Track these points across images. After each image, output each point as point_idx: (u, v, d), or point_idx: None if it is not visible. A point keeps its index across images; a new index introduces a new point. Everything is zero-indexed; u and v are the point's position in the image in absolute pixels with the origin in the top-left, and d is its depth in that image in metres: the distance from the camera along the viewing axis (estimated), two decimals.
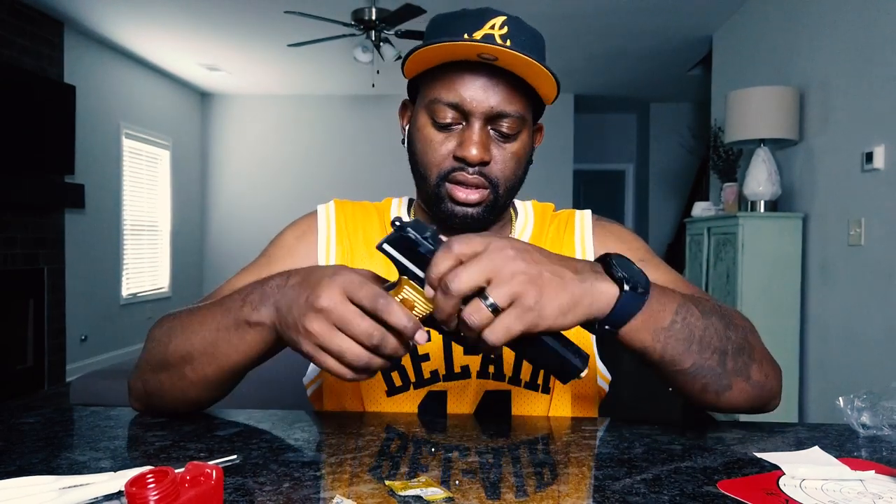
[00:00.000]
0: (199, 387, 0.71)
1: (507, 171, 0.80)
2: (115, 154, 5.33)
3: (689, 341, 0.64)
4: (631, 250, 0.87)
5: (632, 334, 0.62)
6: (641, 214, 7.38)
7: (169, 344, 0.72)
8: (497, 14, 0.77)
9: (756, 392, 0.70)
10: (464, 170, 0.78)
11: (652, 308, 0.62)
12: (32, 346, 4.33)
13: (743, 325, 0.71)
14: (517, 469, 0.60)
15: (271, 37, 4.87)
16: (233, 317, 0.66)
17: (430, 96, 0.79)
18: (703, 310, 0.66)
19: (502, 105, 0.76)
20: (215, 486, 0.46)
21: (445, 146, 0.79)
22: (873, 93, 2.61)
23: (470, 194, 0.79)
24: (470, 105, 0.76)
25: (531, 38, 0.78)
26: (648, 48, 5.07)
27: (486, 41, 0.74)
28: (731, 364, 0.67)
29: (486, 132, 0.78)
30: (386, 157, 6.74)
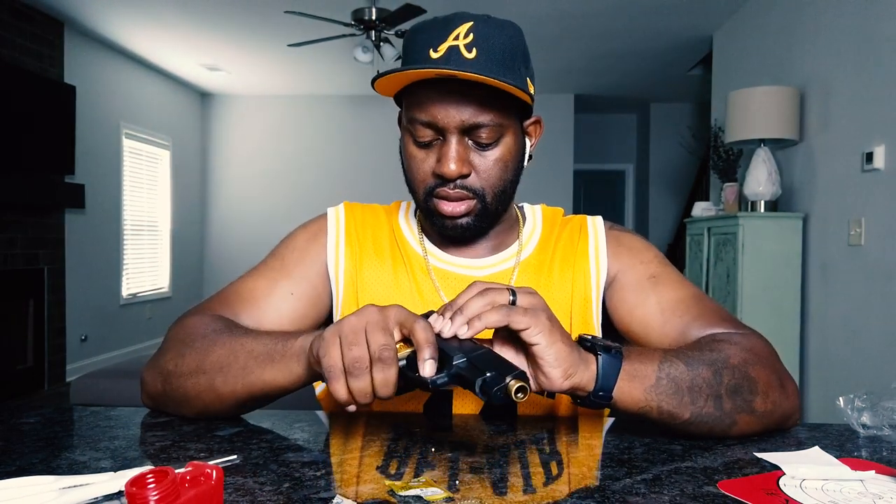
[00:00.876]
0: (223, 401, 0.73)
1: (492, 178, 0.80)
2: (115, 154, 5.33)
3: (680, 393, 0.67)
4: (643, 263, 0.87)
5: (624, 397, 0.66)
6: (641, 214, 7.38)
7: (210, 351, 0.73)
8: (463, 20, 0.75)
9: (766, 420, 0.71)
10: (445, 185, 0.79)
11: (634, 368, 0.66)
12: (32, 346, 4.33)
13: (742, 361, 0.71)
14: (517, 469, 0.60)
15: (271, 37, 4.87)
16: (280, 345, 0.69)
17: (407, 115, 0.80)
18: (688, 361, 0.69)
19: (475, 116, 0.76)
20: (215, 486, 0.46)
21: (427, 163, 0.80)
22: (873, 93, 2.61)
23: (455, 207, 0.80)
24: (443, 122, 0.76)
25: (502, 38, 0.76)
26: (648, 48, 5.07)
27: (450, 54, 0.73)
28: (728, 405, 0.68)
29: (462, 145, 0.78)
30: (386, 157, 6.74)
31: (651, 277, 0.85)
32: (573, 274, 0.88)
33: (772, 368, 0.73)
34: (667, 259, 0.90)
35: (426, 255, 0.89)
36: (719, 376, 0.69)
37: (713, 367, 0.69)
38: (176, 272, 6.34)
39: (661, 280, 0.85)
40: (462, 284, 0.86)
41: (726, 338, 0.75)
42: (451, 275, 0.88)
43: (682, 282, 0.86)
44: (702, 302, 0.83)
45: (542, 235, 0.92)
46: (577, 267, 0.88)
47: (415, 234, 0.92)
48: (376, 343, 0.58)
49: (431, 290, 0.87)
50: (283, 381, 0.69)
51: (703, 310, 0.82)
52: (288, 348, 0.68)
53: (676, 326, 0.81)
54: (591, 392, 0.64)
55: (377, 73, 0.75)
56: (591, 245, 0.89)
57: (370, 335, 0.59)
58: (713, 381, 0.68)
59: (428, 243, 0.91)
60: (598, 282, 0.88)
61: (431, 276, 0.88)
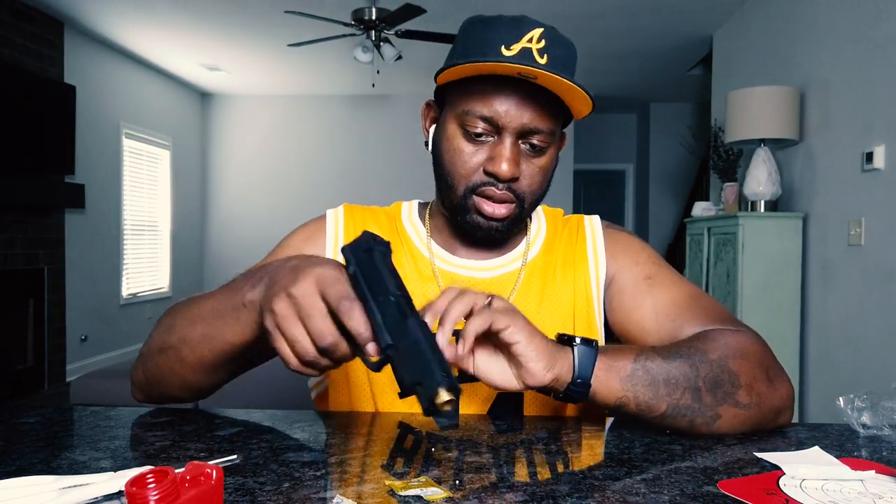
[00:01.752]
0: (196, 369, 0.72)
1: (535, 185, 0.80)
2: (115, 154, 5.33)
3: (656, 385, 0.68)
4: (638, 264, 0.87)
5: (601, 387, 0.67)
6: (641, 214, 7.38)
7: (172, 327, 0.74)
8: (534, 25, 0.75)
9: (753, 413, 0.71)
10: (493, 185, 0.78)
11: (611, 359, 0.68)
12: (32, 346, 4.33)
13: (722, 355, 0.71)
14: (517, 469, 0.60)
15: (271, 37, 4.87)
16: (233, 298, 0.67)
17: (462, 106, 0.78)
18: (664, 355, 0.70)
19: (535, 121, 0.76)
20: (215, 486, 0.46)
21: (475, 158, 0.79)
22: (873, 93, 2.61)
23: (497, 209, 0.79)
24: (504, 120, 0.76)
25: (566, 52, 0.77)
26: (648, 48, 5.07)
27: (524, 56, 0.73)
28: (708, 398, 0.69)
29: (517, 147, 0.78)
30: (386, 157, 6.75)
31: (647, 279, 0.85)
32: (574, 275, 0.88)
33: (757, 363, 0.73)
34: (662, 259, 0.90)
35: (433, 257, 0.89)
36: (696, 369, 0.70)
37: (690, 361, 0.70)
38: (176, 272, 6.34)
39: (656, 281, 0.85)
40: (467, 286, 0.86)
41: (712, 334, 0.76)
42: (458, 277, 0.87)
43: (678, 282, 0.86)
44: (697, 301, 0.83)
45: (546, 237, 0.92)
46: (578, 268, 0.88)
47: (421, 236, 0.91)
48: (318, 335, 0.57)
49: (436, 291, 0.86)
50: (245, 336, 0.67)
51: (698, 309, 0.82)
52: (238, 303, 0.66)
53: (671, 328, 0.81)
54: (570, 381, 0.66)
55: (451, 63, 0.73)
56: (589, 245, 0.90)
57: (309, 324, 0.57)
58: (690, 373, 0.69)
59: (434, 245, 0.90)
60: (597, 282, 0.88)
61: (437, 279, 0.87)
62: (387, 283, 0.57)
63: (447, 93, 0.82)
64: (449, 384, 0.53)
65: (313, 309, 0.57)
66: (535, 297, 0.87)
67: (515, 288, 0.87)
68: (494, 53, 0.74)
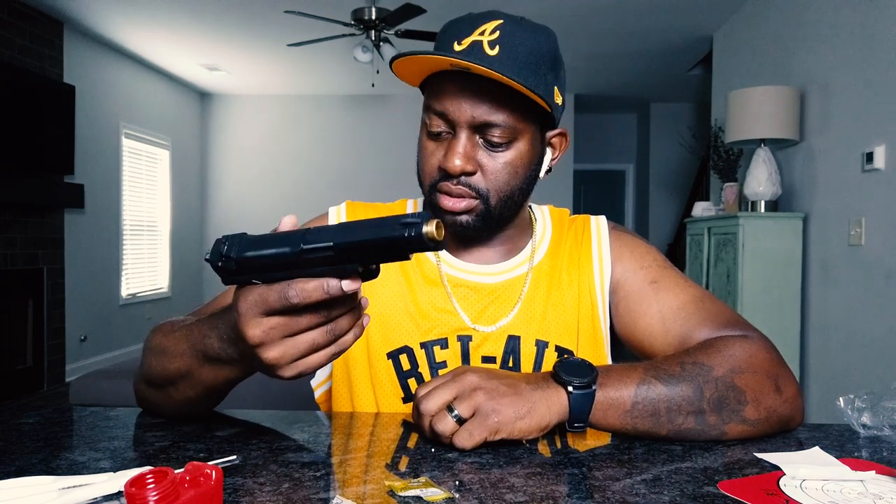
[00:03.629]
0: (185, 405, 0.73)
1: (499, 181, 0.78)
2: (114, 154, 5.33)
3: (657, 415, 0.68)
4: (643, 268, 0.86)
5: (601, 424, 0.68)
6: (641, 214, 7.38)
7: (153, 366, 0.73)
8: (495, 17, 0.75)
9: (762, 427, 0.70)
10: (448, 180, 0.77)
11: (609, 397, 0.67)
12: (32, 346, 4.33)
13: (728, 371, 0.70)
14: (517, 469, 0.60)
15: (271, 37, 4.87)
16: (199, 350, 0.65)
17: (424, 105, 0.80)
18: (666, 380, 0.69)
19: (487, 114, 0.74)
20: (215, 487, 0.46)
21: (435, 156, 0.79)
22: (873, 93, 2.61)
23: (455, 203, 0.78)
24: (454, 115, 0.75)
25: (530, 41, 0.74)
26: (648, 48, 5.07)
27: (472, 49, 0.73)
28: (713, 419, 0.68)
29: (472, 142, 0.76)
30: (385, 157, 6.75)
31: (652, 283, 0.85)
32: (579, 277, 0.87)
33: (765, 374, 0.72)
34: (668, 261, 0.89)
35: (439, 262, 0.88)
36: (700, 391, 0.68)
37: (694, 383, 0.69)
38: (175, 272, 6.33)
39: (662, 285, 0.84)
40: (474, 292, 0.85)
41: (720, 345, 0.74)
42: (463, 282, 0.86)
43: (684, 285, 0.85)
44: (704, 304, 0.82)
45: (552, 239, 0.91)
46: (583, 270, 0.88)
47: None
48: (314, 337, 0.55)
49: (443, 296, 0.86)
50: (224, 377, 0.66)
51: (705, 314, 0.81)
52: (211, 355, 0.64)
53: (678, 334, 0.80)
54: (566, 423, 0.67)
55: (396, 54, 0.75)
56: (594, 247, 0.89)
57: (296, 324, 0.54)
58: (693, 397, 0.68)
59: (444, 253, 0.89)
60: (602, 285, 0.87)
61: (444, 281, 0.86)
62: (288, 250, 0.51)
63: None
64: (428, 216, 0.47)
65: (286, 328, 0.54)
66: (541, 301, 0.86)
67: (523, 293, 0.86)
68: (446, 50, 0.74)
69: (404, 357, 0.84)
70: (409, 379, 0.84)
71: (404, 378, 0.84)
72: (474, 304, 0.85)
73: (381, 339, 0.85)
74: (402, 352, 0.84)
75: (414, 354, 0.84)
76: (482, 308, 0.85)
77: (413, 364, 0.84)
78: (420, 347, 0.84)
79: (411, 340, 0.84)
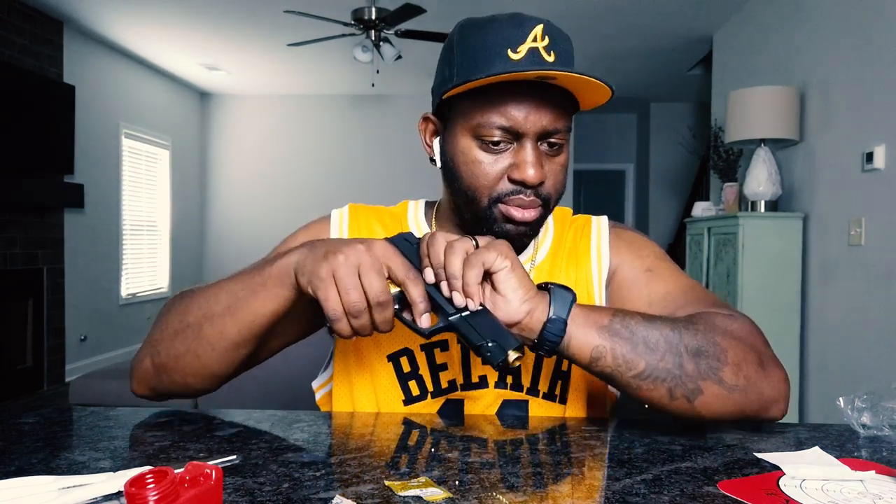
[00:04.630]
0: (215, 346, 0.72)
1: (559, 184, 0.79)
2: (114, 154, 5.33)
3: (634, 342, 0.66)
4: (640, 258, 0.86)
5: (577, 334, 0.66)
6: (641, 214, 7.38)
7: (188, 308, 0.74)
8: (534, 22, 0.73)
9: (739, 397, 0.67)
10: (521, 192, 0.75)
11: (588, 309, 0.68)
12: (32, 346, 4.33)
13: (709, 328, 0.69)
14: (517, 469, 0.60)
15: (271, 36, 4.87)
16: (257, 276, 0.70)
17: (475, 118, 0.75)
18: (646, 317, 0.69)
19: (554, 122, 0.74)
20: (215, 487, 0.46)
21: (496, 167, 0.76)
22: (874, 93, 2.61)
23: (527, 213, 0.76)
24: (523, 126, 0.73)
25: (567, 44, 0.76)
26: (648, 48, 5.07)
27: (533, 56, 0.71)
28: (690, 366, 0.66)
29: (538, 150, 0.76)
30: (385, 157, 6.75)
31: (647, 271, 0.84)
32: (576, 273, 0.87)
33: (748, 346, 0.69)
34: (667, 255, 0.89)
35: None
36: (679, 335, 0.67)
37: (672, 326, 0.68)
38: (175, 272, 6.33)
39: (655, 274, 0.83)
40: None
41: (704, 314, 0.72)
42: None
43: (677, 276, 0.84)
44: (692, 291, 0.81)
45: (554, 237, 0.91)
46: (580, 266, 0.88)
47: None
48: (373, 289, 0.62)
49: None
50: (272, 307, 0.70)
51: (691, 298, 0.79)
52: (267, 276, 0.69)
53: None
54: (546, 321, 0.65)
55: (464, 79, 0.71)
56: (593, 243, 0.88)
57: (365, 279, 0.63)
58: (672, 337, 0.67)
59: None
60: (599, 279, 0.87)
61: None
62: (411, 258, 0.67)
63: (453, 105, 0.78)
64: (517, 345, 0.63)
65: (373, 268, 0.62)
66: None
67: None
68: (501, 59, 0.71)
69: (405, 359, 0.84)
70: (409, 381, 0.84)
71: (405, 380, 0.84)
72: None
73: (381, 342, 0.85)
74: (403, 354, 0.84)
75: (414, 356, 0.84)
76: None
77: (413, 366, 0.84)
78: (420, 349, 0.84)
79: (411, 342, 0.84)
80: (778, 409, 0.70)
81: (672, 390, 0.66)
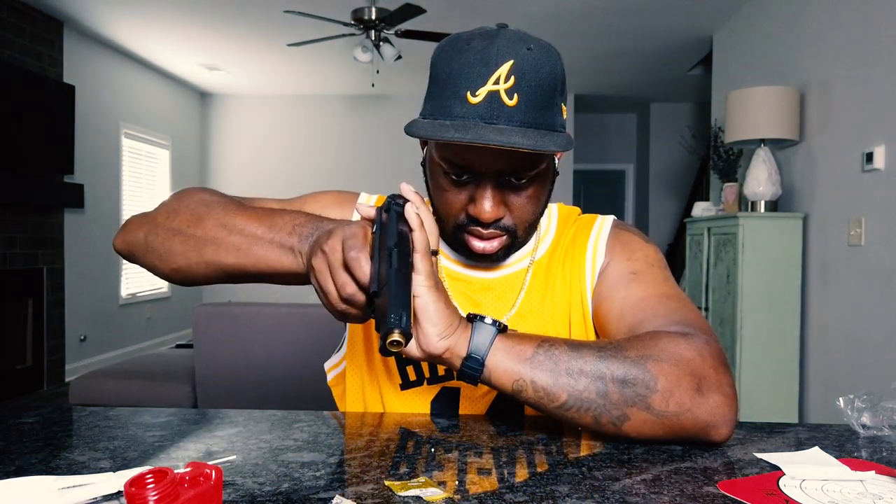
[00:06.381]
0: (208, 265, 0.76)
1: (526, 214, 0.78)
2: (114, 154, 5.33)
3: (556, 373, 0.66)
4: (629, 260, 0.85)
5: (498, 367, 0.66)
6: (641, 214, 7.38)
7: (205, 218, 0.76)
8: (503, 59, 0.69)
9: (671, 422, 0.66)
10: (478, 225, 0.77)
11: (512, 343, 0.67)
12: (31, 346, 4.33)
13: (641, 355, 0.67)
14: (517, 469, 0.60)
15: (271, 36, 4.87)
16: (278, 234, 0.71)
17: (439, 153, 0.76)
18: (572, 345, 0.68)
19: (512, 166, 0.73)
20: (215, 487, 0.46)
21: (458, 198, 0.77)
22: (873, 93, 2.61)
23: (487, 245, 0.78)
24: (478, 168, 0.74)
25: (541, 74, 0.71)
26: (648, 48, 5.07)
27: (491, 102, 0.69)
28: (615, 395, 0.65)
29: (497, 189, 0.75)
30: (385, 157, 6.75)
31: (632, 273, 0.83)
32: (572, 270, 0.87)
33: (687, 371, 0.67)
34: (663, 262, 0.86)
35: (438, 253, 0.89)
36: (604, 363, 0.66)
37: (599, 354, 0.67)
38: None
39: (639, 278, 0.82)
40: (472, 288, 0.86)
41: (651, 335, 0.71)
42: (463, 277, 0.87)
43: (660, 282, 0.82)
44: (667, 301, 0.78)
45: (555, 235, 0.91)
46: (576, 263, 0.87)
47: None
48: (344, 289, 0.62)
49: None
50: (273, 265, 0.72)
51: (662, 309, 0.77)
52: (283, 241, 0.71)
53: (630, 324, 0.77)
54: (464, 357, 0.66)
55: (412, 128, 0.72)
56: (591, 241, 0.88)
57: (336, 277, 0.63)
58: (596, 367, 0.66)
59: (443, 245, 0.89)
60: (593, 276, 0.86)
61: (442, 274, 0.87)
62: (388, 239, 0.63)
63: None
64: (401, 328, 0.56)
65: (336, 262, 0.63)
66: (539, 296, 0.86)
67: (524, 287, 0.86)
68: (459, 102, 0.70)
69: None
70: (407, 366, 0.86)
71: (403, 365, 0.86)
72: (469, 297, 0.86)
73: None
74: None
75: None
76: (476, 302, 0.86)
77: None
78: None
79: None
80: (717, 433, 0.67)
81: (597, 418, 0.66)
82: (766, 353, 3.09)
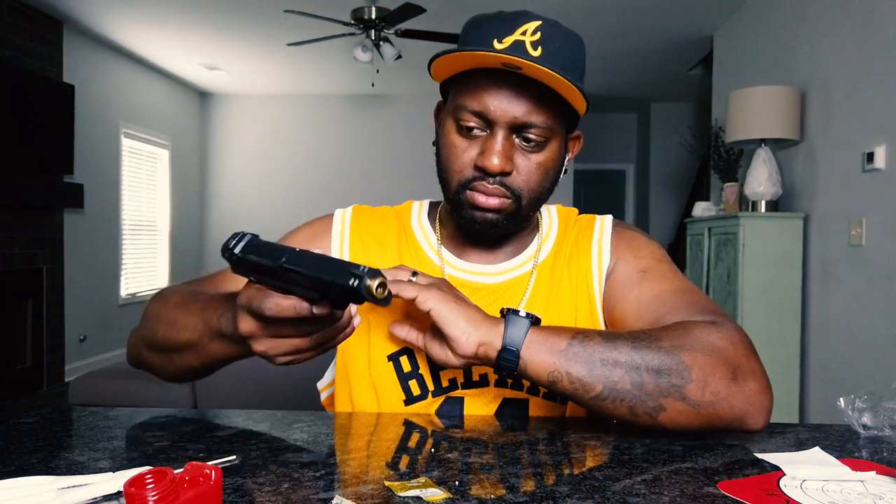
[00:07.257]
0: (185, 372, 0.78)
1: (532, 182, 0.78)
2: (114, 154, 5.33)
3: (591, 364, 0.66)
4: (637, 258, 0.85)
5: (533, 359, 0.67)
6: (642, 214, 7.38)
7: (158, 332, 0.77)
8: (532, 18, 0.74)
9: (707, 412, 0.65)
10: (484, 179, 0.76)
11: (546, 334, 0.68)
12: (31, 346, 4.33)
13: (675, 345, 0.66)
14: (517, 469, 0.60)
15: (271, 36, 4.87)
16: (212, 326, 0.69)
17: (455, 102, 0.78)
18: (606, 336, 0.68)
19: (528, 115, 0.74)
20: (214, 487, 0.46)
21: (468, 153, 0.77)
22: (874, 93, 2.61)
23: (489, 199, 0.77)
24: (494, 114, 0.74)
25: (568, 47, 0.75)
26: (649, 48, 5.07)
27: (515, 48, 0.72)
28: (650, 386, 0.65)
29: (509, 142, 0.76)
30: (385, 157, 6.74)
31: (641, 272, 0.83)
32: (577, 272, 0.87)
33: (722, 359, 0.66)
34: (667, 256, 0.87)
35: (443, 263, 0.87)
36: (639, 353, 0.66)
37: (633, 345, 0.66)
38: (175, 272, 6.33)
39: (649, 275, 0.82)
40: (476, 293, 0.85)
41: (682, 324, 0.70)
42: (465, 282, 0.86)
43: (671, 278, 0.82)
44: (683, 295, 0.78)
45: (557, 237, 0.90)
46: (581, 264, 0.87)
47: (431, 241, 0.90)
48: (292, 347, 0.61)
49: None
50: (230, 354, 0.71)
51: (681, 302, 0.77)
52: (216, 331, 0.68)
53: (650, 320, 0.77)
54: (499, 350, 0.66)
55: (438, 53, 0.72)
56: (594, 242, 0.88)
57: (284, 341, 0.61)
58: (632, 356, 0.66)
59: (445, 251, 0.88)
60: (600, 277, 0.86)
61: None
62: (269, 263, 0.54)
63: (448, 91, 0.82)
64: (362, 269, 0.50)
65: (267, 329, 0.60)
66: (543, 299, 0.86)
67: (527, 291, 0.86)
68: (486, 46, 0.73)
69: (405, 359, 0.84)
70: (409, 381, 0.84)
71: (405, 380, 0.84)
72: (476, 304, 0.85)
73: (381, 342, 0.85)
74: (403, 353, 0.84)
75: (414, 356, 0.84)
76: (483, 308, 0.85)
77: (414, 366, 0.84)
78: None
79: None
80: (754, 421, 0.67)
81: (633, 408, 0.66)
82: (766, 353, 3.09)
